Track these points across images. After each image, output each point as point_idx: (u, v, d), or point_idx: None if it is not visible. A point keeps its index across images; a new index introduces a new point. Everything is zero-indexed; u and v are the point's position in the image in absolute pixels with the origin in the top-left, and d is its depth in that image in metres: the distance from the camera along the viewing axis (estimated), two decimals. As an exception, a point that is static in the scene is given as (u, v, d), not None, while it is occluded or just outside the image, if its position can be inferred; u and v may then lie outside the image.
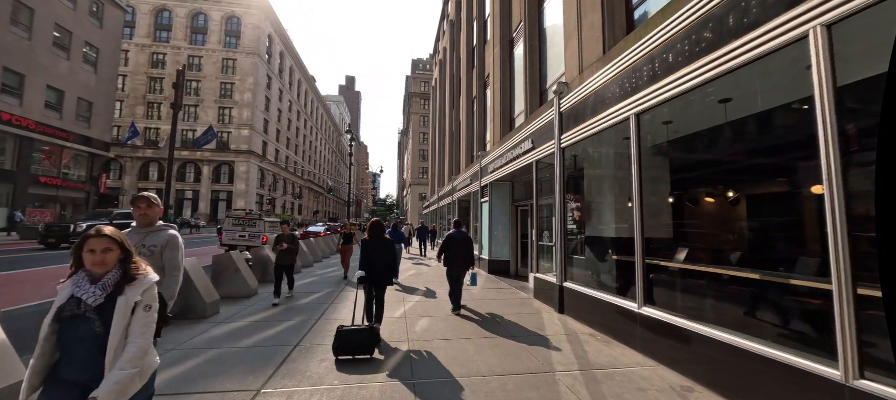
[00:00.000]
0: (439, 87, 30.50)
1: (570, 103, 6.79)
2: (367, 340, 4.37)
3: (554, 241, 7.71)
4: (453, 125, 22.78)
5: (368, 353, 4.39)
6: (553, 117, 7.33)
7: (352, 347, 4.33)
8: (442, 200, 24.55)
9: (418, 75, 70.04)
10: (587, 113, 6.23)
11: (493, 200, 12.03)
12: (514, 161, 9.88)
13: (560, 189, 6.96)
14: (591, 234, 6.54)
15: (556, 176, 7.04)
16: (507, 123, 12.37)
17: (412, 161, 67.13)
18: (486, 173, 12.59)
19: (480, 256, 12.89)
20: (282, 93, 62.03)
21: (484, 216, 12.73)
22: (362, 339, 4.35)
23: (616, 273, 5.84)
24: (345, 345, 4.31)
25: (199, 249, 19.18)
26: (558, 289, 6.78)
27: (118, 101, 51.42)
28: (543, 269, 8.29)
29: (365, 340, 4.36)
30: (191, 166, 51.85)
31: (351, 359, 4.34)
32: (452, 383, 3.82)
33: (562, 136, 7.01)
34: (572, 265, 6.83)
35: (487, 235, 11.96)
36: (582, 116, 6.38)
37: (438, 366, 4.28)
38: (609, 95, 5.64)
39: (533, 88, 10.18)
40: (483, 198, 12.98)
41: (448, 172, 23.76)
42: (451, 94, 24.07)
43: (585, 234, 6.56)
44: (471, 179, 14.96)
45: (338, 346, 4.31)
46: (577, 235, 6.63)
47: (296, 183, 68.27)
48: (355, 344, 4.33)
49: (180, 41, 52.76)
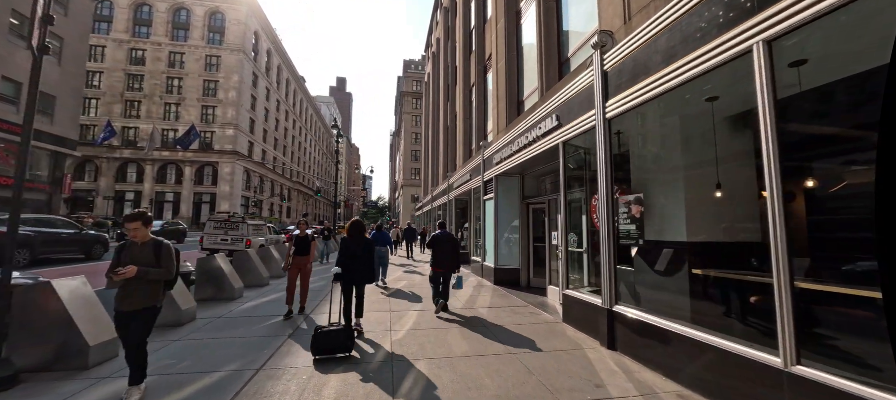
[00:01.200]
0: (432, 82, 28.51)
1: (619, 57, 4.84)
2: (346, 339, 4.38)
3: (595, 247, 5.76)
4: (448, 119, 20.79)
5: (346, 351, 4.38)
6: (591, 81, 5.38)
7: (330, 347, 4.30)
8: (436, 199, 22.50)
9: (410, 74, 67.94)
10: (652, 64, 4.28)
11: (500, 196, 10.04)
12: (528, 148, 7.91)
13: (606, 175, 4.99)
14: (661, 238, 4.57)
15: (601, 158, 5.07)
16: (514, 108, 10.42)
17: (404, 162, 64.99)
18: (491, 166, 10.60)
19: (484, 263, 10.88)
20: (269, 92, 59.42)
21: (488, 216, 10.73)
22: (341, 338, 4.35)
23: (726, 299, 3.91)
24: (322, 345, 4.27)
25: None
26: (606, 315, 4.81)
27: (94, 98, 48.63)
28: (574, 283, 6.30)
29: (344, 340, 4.36)
30: (172, 167, 48.98)
31: (329, 358, 4.30)
32: None
33: (607, 103, 5.06)
34: (631, 282, 4.86)
35: (493, 238, 9.97)
36: (643, 71, 4.42)
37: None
38: (698, 27, 3.69)
39: (550, 59, 8.25)
40: (487, 195, 10.99)
41: (443, 171, 21.75)
42: (447, 86, 22.09)
43: (645, 238, 4.59)
44: (470, 175, 12.97)
45: (316, 346, 4.27)
46: (636, 238, 4.65)
47: (284, 185, 65.54)
48: (334, 344, 4.31)
49: (161, 37, 49.95)
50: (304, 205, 78.34)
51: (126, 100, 49.01)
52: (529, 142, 7.82)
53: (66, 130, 28.33)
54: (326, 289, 8.53)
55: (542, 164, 8.49)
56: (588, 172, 6.24)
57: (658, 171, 4.77)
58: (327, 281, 10.14)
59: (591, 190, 6.07)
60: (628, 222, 4.73)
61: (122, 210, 47.12)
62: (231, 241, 13.75)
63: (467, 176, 13.40)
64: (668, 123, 4.70)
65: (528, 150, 7.92)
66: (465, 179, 13.77)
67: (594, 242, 5.91)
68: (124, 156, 47.92)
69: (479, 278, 11.08)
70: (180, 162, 48.28)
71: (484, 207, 11.16)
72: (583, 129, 5.69)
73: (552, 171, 8.54)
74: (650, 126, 4.81)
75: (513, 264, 9.72)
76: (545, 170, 8.83)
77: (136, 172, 48.59)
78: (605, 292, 4.90)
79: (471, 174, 12.93)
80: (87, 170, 48.52)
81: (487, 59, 13.47)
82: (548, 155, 7.33)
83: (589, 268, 6.12)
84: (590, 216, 5.92)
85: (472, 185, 12.72)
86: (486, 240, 10.87)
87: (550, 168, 8.45)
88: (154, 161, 47.86)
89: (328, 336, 4.29)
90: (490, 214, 10.47)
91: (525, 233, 9.67)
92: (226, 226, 14.21)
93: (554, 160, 7.65)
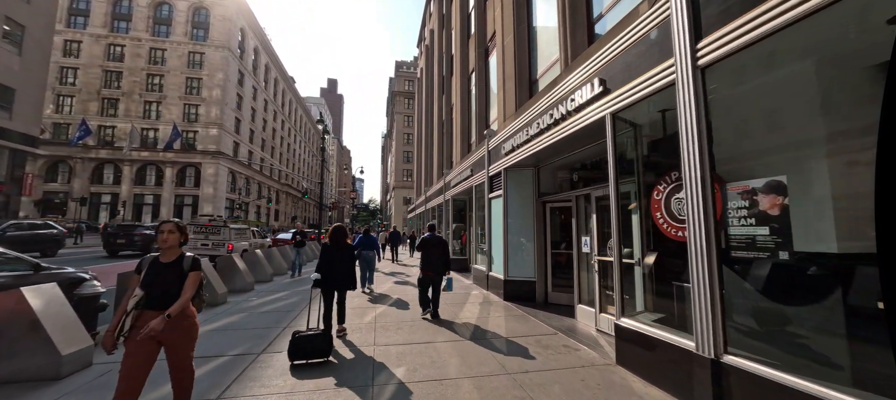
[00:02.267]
0: (426, 77, 26.72)
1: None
2: (323, 344, 4.27)
3: (660, 260, 4.02)
4: (444, 114, 19.00)
5: (324, 356, 4.28)
6: (667, 16, 3.65)
7: (306, 353, 4.19)
8: (431, 200, 20.66)
9: (402, 74, 66.03)
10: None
11: (510, 193, 8.27)
12: (549, 132, 6.16)
13: (698, 151, 3.25)
14: (806, 247, 2.80)
15: (688, 126, 3.32)
16: (526, 89, 8.69)
17: (396, 163, 63.02)
18: (497, 158, 8.83)
19: (491, 273, 9.06)
20: (256, 91, 56.99)
21: (495, 218, 8.95)
22: (318, 343, 4.24)
23: None
24: (299, 350, 4.17)
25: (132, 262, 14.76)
26: (708, 368, 3.05)
27: (69, 96, 45.81)
28: (629, 309, 4.51)
29: (321, 345, 4.26)
30: (151, 168, 46.29)
31: (305, 363, 4.20)
32: None
33: (698, 46, 3.33)
34: (747, 316, 3.08)
35: (502, 244, 8.18)
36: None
37: None
38: None
39: (577, 22, 6.53)
40: (493, 192, 9.20)
41: (437, 170, 19.95)
42: (441, 78, 20.32)
43: (789, 246, 2.82)
44: (472, 169, 11.18)
45: (293, 350, 4.16)
46: (767, 247, 2.87)
47: (272, 187, 62.97)
48: (310, 349, 4.20)
49: (141, 32, 47.36)
50: (294, 208, 75.75)
51: (103, 97, 46.26)
52: (552, 123, 6.07)
53: (27, 126, 25.80)
54: (301, 305, 7.42)
55: (566, 152, 6.74)
56: (640, 156, 4.51)
57: (783, 147, 3.03)
58: (300, 298, 8.26)
59: (645, 181, 4.34)
60: (748, 223, 2.97)
61: (96, 214, 44.31)
62: (212, 246, 13.07)
63: (468, 172, 11.60)
64: (799, 72, 2.97)
65: (550, 133, 6.16)
66: (465, 176, 11.97)
67: (657, 251, 4.17)
68: (101, 156, 45.11)
69: (483, 291, 9.27)
70: (161, 163, 45.64)
71: (489, 207, 9.37)
72: (648, 91, 3.95)
73: (582, 160, 6.79)
74: (768, 78, 3.08)
75: (526, 275, 7.93)
76: (571, 161, 7.07)
77: (113, 174, 45.78)
78: (703, 332, 3.13)
79: (472, 169, 11.14)
80: (60, 171, 45.53)
81: (490, 40, 11.74)
82: (582, 137, 5.58)
83: (645, 286, 4.37)
84: (650, 215, 4.17)
85: (474, 182, 10.93)
86: (492, 245, 9.07)
87: (579, 157, 6.70)
88: (132, 162, 45.14)
89: (306, 341, 4.20)
90: (498, 215, 8.69)
91: (541, 237, 7.90)
92: (206, 230, 13.43)
93: (590, 143, 5.93)
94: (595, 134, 5.24)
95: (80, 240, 27.06)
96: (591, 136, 5.48)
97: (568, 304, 7.37)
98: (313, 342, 4.19)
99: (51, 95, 45.18)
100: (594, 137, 5.51)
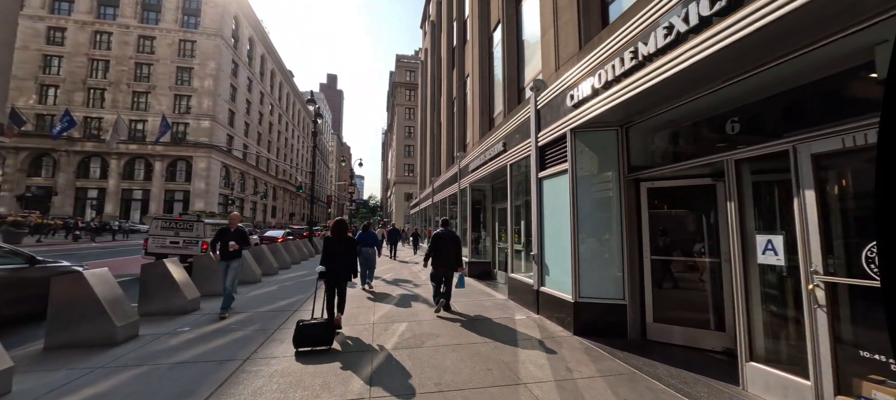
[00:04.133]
0: (432, 54, 23.64)
1: None
2: (326, 332, 4.41)
3: None
4: (455, 90, 15.98)
5: (327, 344, 4.41)
6: None
7: (311, 340, 4.33)
8: (439, 192, 17.64)
9: (403, 64, 62.77)
10: None
11: (579, 170, 5.31)
12: (674, 54, 3.24)
13: None
14: None
15: None
16: (597, 16, 5.75)
17: (397, 158, 59.94)
18: (557, 117, 5.83)
19: (543, 288, 6.05)
20: (252, 83, 53.82)
21: (552, 206, 5.94)
22: (321, 332, 4.38)
23: None
24: (304, 338, 4.31)
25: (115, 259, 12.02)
26: None
27: (53, 86, 42.67)
28: None
29: (324, 333, 4.39)
30: (140, 162, 43.25)
31: (310, 350, 4.31)
32: None
33: None
34: None
35: (570, 244, 5.19)
36: None
37: None
38: None
39: None
40: (545, 169, 6.18)
41: (446, 157, 16.99)
42: (450, 52, 17.30)
43: None
44: (505, 143, 8.10)
45: (298, 338, 4.30)
46: None
47: (269, 183, 59.88)
48: (315, 337, 4.34)
49: (129, 19, 44.19)
50: (291, 204, 72.73)
51: (89, 88, 43.15)
52: (674, 39, 3.13)
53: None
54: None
55: (700, 88, 3.77)
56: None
57: None
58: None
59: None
60: None
61: (82, 211, 41.24)
62: (183, 243, 11.03)
63: (498, 147, 8.51)
64: None
65: (673, 56, 3.22)
66: (493, 153, 8.90)
67: None
68: (86, 149, 42.03)
69: (528, 313, 6.31)
70: (150, 156, 42.58)
71: (540, 192, 6.36)
72: None
73: (726, 101, 3.77)
74: None
75: (606, 295, 4.97)
76: (698, 109, 4.09)
77: (100, 168, 42.72)
78: None
79: (506, 142, 8.10)
80: (44, 165, 42.46)
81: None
82: (731, 56, 2.64)
83: None
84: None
85: (509, 159, 7.90)
86: (544, 248, 6.07)
87: (722, 98, 3.71)
88: (120, 155, 42.07)
89: (310, 329, 4.33)
90: (557, 202, 5.71)
91: (632, 238, 4.95)
92: (176, 226, 11.21)
93: (770, 60, 2.95)
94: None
95: (92, 239, 23.75)
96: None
97: (684, 343, 4.46)
98: (316, 331, 4.34)
99: (34, 85, 42.16)
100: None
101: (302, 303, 6.90)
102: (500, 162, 8.20)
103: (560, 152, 5.66)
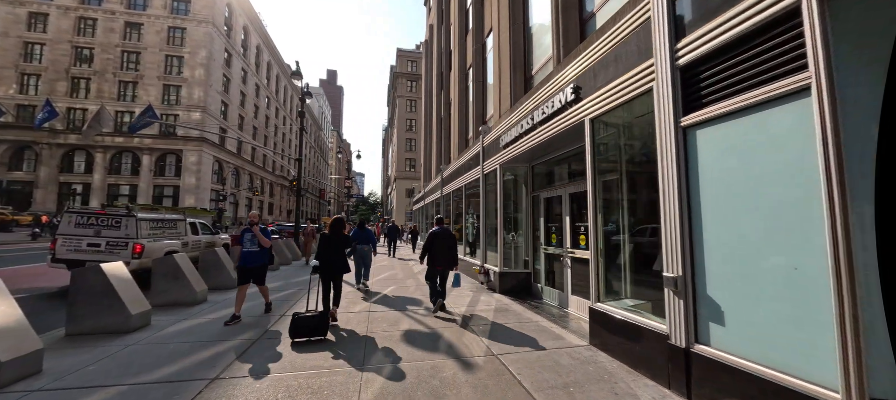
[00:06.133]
0: (441, 24, 20.59)
1: None
2: (320, 323, 4.51)
3: None
4: (469, 57, 13.00)
5: (321, 334, 4.53)
6: None
7: (307, 330, 4.43)
8: (448, 183, 14.64)
9: (404, 55, 59.65)
10: None
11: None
12: None
13: None
14: None
15: None
16: None
17: (398, 153, 56.95)
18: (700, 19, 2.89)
19: (701, 350, 3.11)
20: (246, 74, 50.73)
21: (726, 183, 3.01)
22: (316, 323, 4.48)
23: None
24: (300, 328, 4.41)
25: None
26: None
27: (34, 74, 39.59)
28: None
29: (318, 324, 4.50)
30: (127, 155, 40.23)
31: (306, 341, 4.42)
32: None
33: None
34: None
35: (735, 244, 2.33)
36: None
37: None
38: None
39: None
40: (688, 115, 3.25)
41: (457, 140, 14.07)
42: (465, 11, 14.30)
43: None
44: (577, 89, 5.14)
45: (293, 329, 4.40)
46: None
47: (265, 178, 56.91)
48: (310, 327, 4.45)
49: (115, 4, 41.06)
50: (289, 201, 69.74)
51: (72, 77, 40.04)
52: None
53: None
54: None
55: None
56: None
57: None
58: None
59: None
60: None
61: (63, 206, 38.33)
62: (105, 247, 7.93)
63: (563, 97, 5.55)
64: None
65: None
66: (548, 112, 5.86)
67: None
68: (70, 142, 39.00)
69: (662, 392, 3.41)
70: (137, 149, 39.58)
71: (686, 154, 3.41)
72: None
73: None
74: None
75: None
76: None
77: (84, 161, 39.71)
78: None
79: (579, 88, 5.17)
80: (25, 157, 39.48)
81: None
82: None
83: None
84: None
85: (586, 113, 4.94)
86: (705, 266, 3.14)
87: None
88: (106, 148, 39.07)
89: (305, 321, 4.44)
90: (753, 173, 2.80)
91: None
92: (97, 222, 8.07)
93: None
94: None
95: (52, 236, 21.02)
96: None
97: None
98: (311, 322, 4.47)
99: (14, 74, 39.14)
100: None
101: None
102: (569, 120, 5.16)
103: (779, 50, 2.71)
